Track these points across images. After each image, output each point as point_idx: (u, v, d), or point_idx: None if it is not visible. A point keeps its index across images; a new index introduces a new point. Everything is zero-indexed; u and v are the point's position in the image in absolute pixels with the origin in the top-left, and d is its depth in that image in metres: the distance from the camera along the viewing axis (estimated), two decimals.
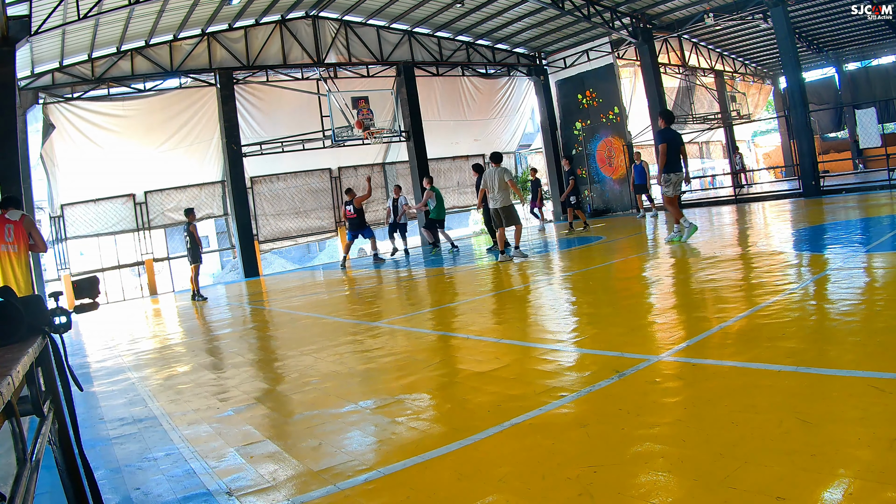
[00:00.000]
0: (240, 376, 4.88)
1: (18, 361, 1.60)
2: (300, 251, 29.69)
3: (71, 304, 7.05)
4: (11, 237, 6.17)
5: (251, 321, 8.56)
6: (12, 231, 6.20)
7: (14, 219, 6.28)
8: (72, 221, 14.61)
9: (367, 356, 4.96)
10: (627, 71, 19.82)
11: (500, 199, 9.48)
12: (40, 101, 13.96)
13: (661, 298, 5.71)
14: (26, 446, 1.61)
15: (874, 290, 4.71)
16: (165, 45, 15.31)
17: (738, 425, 2.51)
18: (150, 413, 4.13)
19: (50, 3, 10.68)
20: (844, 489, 1.92)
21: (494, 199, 9.52)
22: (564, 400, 3.14)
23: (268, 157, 16.79)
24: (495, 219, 9.76)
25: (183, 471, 2.96)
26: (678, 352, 3.72)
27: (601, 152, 19.73)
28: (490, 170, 9.63)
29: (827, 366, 3.09)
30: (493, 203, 9.57)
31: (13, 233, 6.19)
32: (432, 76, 19.42)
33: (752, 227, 10.99)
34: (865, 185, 14.78)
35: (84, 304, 2.51)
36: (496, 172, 9.48)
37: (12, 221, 6.25)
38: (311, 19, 17.04)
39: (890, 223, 8.44)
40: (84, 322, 10.64)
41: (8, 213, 6.31)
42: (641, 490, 2.12)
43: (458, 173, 20.76)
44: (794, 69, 15.33)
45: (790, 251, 7.32)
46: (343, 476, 2.60)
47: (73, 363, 6.53)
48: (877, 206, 10.62)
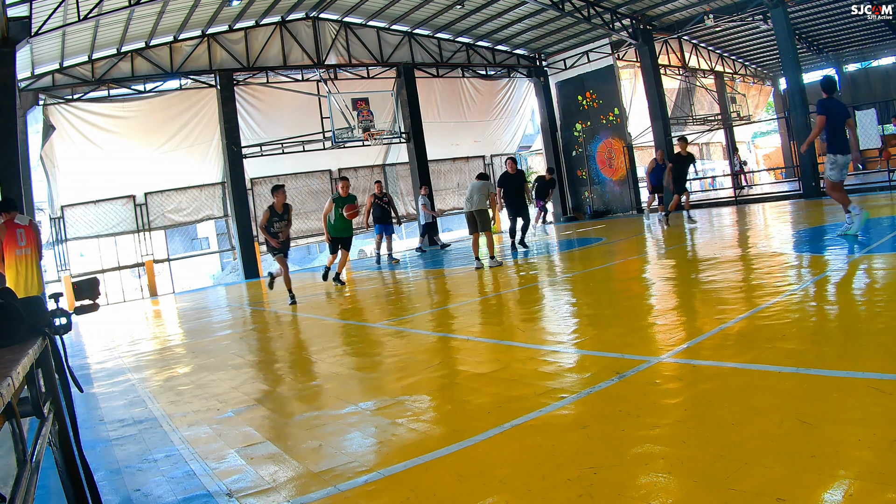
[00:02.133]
0: (240, 377, 4.88)
1: (19, 363, 1.60)
2: (300, 252, 29.68)
3: (71, 306, 7.05)
4: (24, 241, 6.22)
5: (251, 322, 8.56)
6: (24, 235, 6.24)
7: (23, 223, 6.33)
8: (72, 223, 14.62)
9: (367, 357, 4.96)
10: (627, 72, 19.84)
11: (477, 203, 10.13)
12: (40, 103, 13.97)
13: (662, 300, 5.71)
14: (26, 447, 1.61)
15: (874, 291, 4.71)
16: (165, 46, 15.33)
17: (739, 426, 2.51)
18: (150, 414, 4.13)
19: (50, 5, 10.70)
20: (845, 490, 1.92)
21: (472, 203, 10.15)
22: (565, 401, 3.14)
23: (268, 158, 16.80)
24: (471, 222, 10.33)
25: (183, 472, 2.96)
26: (678, 353, 3.72)
27: (601, 154, 19.75)
28: (477, 183, 10.34)
29: (827, 367, 3.09)
30: (471, 206, 10.17)
31: (25, 237, 6.24)
32: (432, 77, 19.44)
33: (753, 228, 10.99)
34: (865, 185, 14.79)
35: (84, 305, 2.51)
36: (484, 186, 10.24)
37: (22, 226, 6.29)
38: (311, 21, 17.06)
39: (890, 224, 8.45)
40: (84, 323, 10.63)
41: (16, 217, 6.35)
42: (642, 491, 2.12)
43: (459, 175, 20.77)
44: (794, 70, 15.34)
45: (790, 252, 7.32)
46: (343, 477, 2.60)
47: (74, 364, 6.52)
48: (876, 207, 10.62)
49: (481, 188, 10.15)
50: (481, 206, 10.11)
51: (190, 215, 16.31)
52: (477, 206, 10.08)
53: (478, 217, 10.13)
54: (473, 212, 10.11)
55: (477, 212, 10.10)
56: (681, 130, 22.13)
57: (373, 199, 13.87)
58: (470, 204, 10.14)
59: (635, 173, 19.08)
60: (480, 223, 10.17)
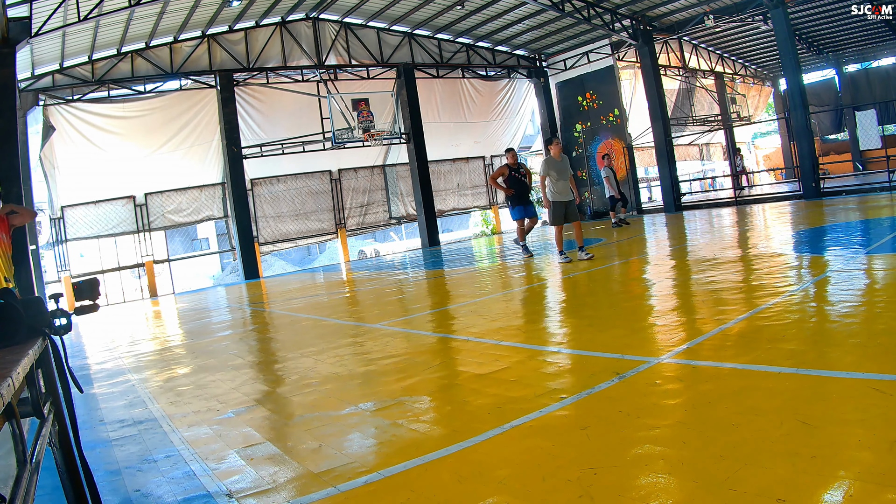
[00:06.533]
0: (240, 378, 4.88)
1: (19, 363, 1.60)
2: (300, 253, 29.70)
3: (71, 306, 7.05)
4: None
5: (251, 323, 8.56)
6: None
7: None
8: (72, 223, 14.62)
9: (367, 358, 4.96)
10: (627, 73, 19.83)
11: (564, 191, 8.98)
12: (41, 103, 13.97)
13: (662, 300, 5.71)
14: (26, 448, 1.61)
15: (874, 291, 4.71)
16: (166, 46, 15.33)
17: (739, 427, 2.51)
18: (150, 415, 4.13)
19: (50, 5, 10.70)
20: (845, 491, 1.92)
21: (558, 189, 8.96)
22: (565, 402, 3.14)
23: (268, 158, 16.80)
24: (559, 212, 9.08)
25: (183, 473, 2.96)
26: (678, 354, 3.72)
27: (601, 154, 19.73)
28: (556, 161, 9.00)
29: (827, 368, 3.08)
30: (564, 196, 9.04)
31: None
32: (432, 78, 19.44)
33: (753, 228, 10.98)
34: (865, 186, 14.79)
35: (84, 305, 2.51)
36: (565, 161, 9.04)
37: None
38: (311, 21, 17.06)
39: (890, 225, 8.44)
40: (84, 324, 10.63)
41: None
42: (642, 492, 2.12)
43: (459, 175, 20.77)
44: (794, 71, 15.34)
45: (790, 253, 7.32)
46: (343, 478, 2.60)
47: (74, 365, 6.52)
48: (877, 208, 10.62)
49: (566, 168, 8.98)
50: (570, 195, 9.06)
51: (190, 216, 16.31)
52: (565, 194, 8.99)
53: (568, 208, 9.05)
54: (565, 203, 9.01)
55: (567, 202, 9.05)
56: (681, 131, 22.15)
57: (507, 170, 10.65)
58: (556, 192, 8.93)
59: (635, 174, 19.09)
60: (570, 214, 9.08)
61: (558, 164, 9.02)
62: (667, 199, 17.89)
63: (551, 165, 8.99)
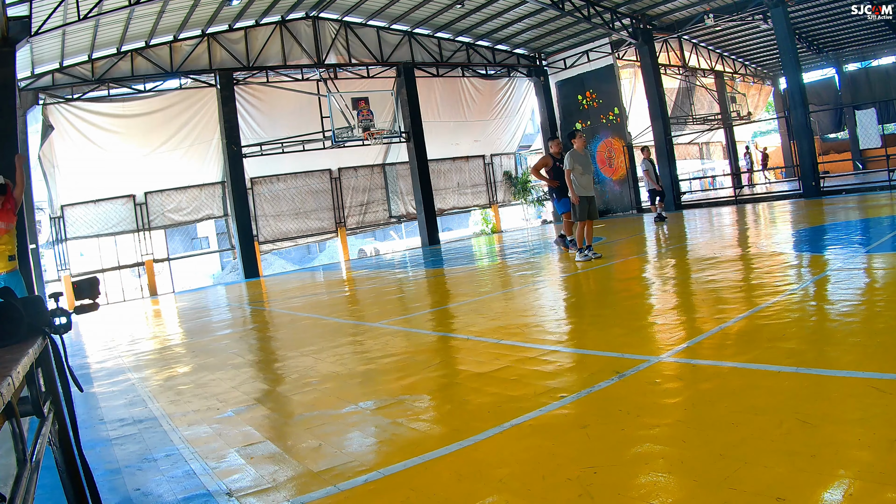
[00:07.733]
0: (240, 377, 4.88)
1: (19, 362, 1.60)
2: (300, 252, 29.71)
3: (71, 305, 7.05)
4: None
5: (251, 322, 8.56)
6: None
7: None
8: (72, 222, 14.62)
9: (367, 356, 4.96)
10: (627, 72, 19.83)
11: (587, 185, 8.84)
12: (40, 102, 13.96)
13: (662, 299, 5.71)
14: (26, 447, 1.61)
15: (874, 290, 4.71)
16: (165, 45, 15.32)
17: (739, 426, 2.51)
18: (150, 414, 4.13)
19: (50, 4, 10.69)
20: (844, 490, 1.92)
21: (582, 184, 8.82)
22: (564, 401, 3.14)
23: (268, 157, 16.80)
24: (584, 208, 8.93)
25: (183, 472, 2.96)
26: (678, 353, 3.72)
27: (601, 153, 19.74)
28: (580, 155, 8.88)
29: (827, 367, 3.09)
30: (588, 191, 8.93)
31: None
32: (432, 77, 19.43)
33: (753, 227, 10.99)
34: (865, 185, 14.79)
35: (84, 304, 2.51)
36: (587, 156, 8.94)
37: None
38: (311, 20, 17.05)
39: (890, 224, 8.44)
40: (84, 323, 10.63)
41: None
42: (641, 491, 2.12)
43: (458, 174, 20.78)
44: (794, 70, 15.34)
45: (790, 252, 7.32)
46: (343, 477, 2.60)
47: (74, 364, 6.53)
48: (877, 207, 10.62)
49: (589, 163, 8.84)
50: (593, 190, 9.00)
51: (190, 215, 16.31)
52: (589, 189, 8.90)
53: (590, 204, 8.95)
54: (589, 198, 8.90)
55: (590, 198, 8.95)
56: (681, 130, 22.14)
57: (551, 160, 9.97)
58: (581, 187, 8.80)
59: (635, 173, 19.09)
60: (592, 211, 8.96)
61: (582, 157, 8.93)
62: (667, 198, 17.87)
63: (576, 159, 8.84)
